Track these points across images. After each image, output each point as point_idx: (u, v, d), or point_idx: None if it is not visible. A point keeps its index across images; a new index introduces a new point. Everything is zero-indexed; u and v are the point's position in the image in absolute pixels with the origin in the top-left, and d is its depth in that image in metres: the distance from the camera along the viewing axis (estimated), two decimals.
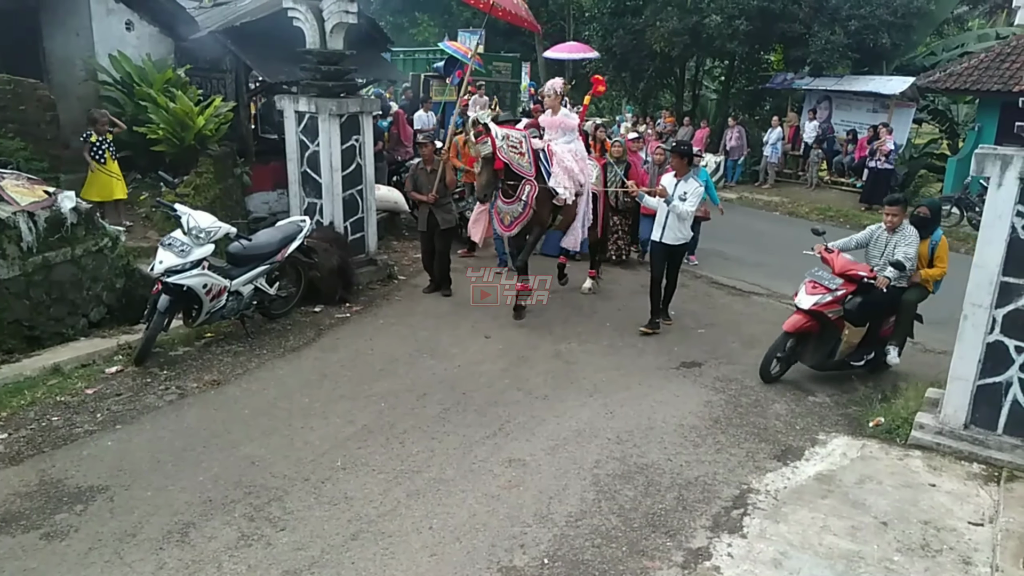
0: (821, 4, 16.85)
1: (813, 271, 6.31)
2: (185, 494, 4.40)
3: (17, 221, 6.22)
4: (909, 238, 6.08)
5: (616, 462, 4.93)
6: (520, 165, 7.10)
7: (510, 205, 7.26)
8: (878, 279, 5.96)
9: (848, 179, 16.75)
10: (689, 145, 7.83)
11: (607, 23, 20.61)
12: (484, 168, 7.01)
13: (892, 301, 6.28)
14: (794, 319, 6.19)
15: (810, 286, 6.16)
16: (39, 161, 7.82)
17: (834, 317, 6.07)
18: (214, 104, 9.58)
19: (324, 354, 6.68)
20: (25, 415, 5.25)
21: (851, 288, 6.07)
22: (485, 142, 6.92)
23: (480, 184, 7.13)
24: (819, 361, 6.33)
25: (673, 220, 7.09)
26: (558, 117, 7.74)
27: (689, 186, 7.08)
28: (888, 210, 6.26)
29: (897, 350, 6.47)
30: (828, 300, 6.04)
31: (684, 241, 7.32)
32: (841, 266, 6.16)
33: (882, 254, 6.26)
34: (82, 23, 10.10)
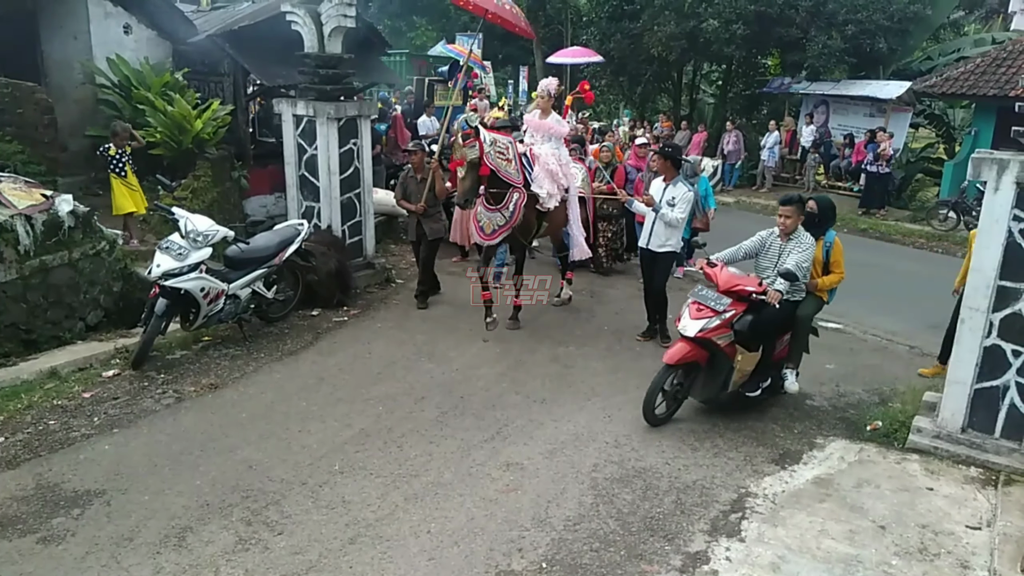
0: (818, 9, 16.90)
1: (697, 290, 5.54)
2: (182, 498, 4.39)
3: (14, 224, 6.20)
4: (803, 245, 5.39)
5: (614, 466, 4.93)
6: (507, 172, 6.87)
7: (493, 213, 6.98)
8: (768, 294, 5.18)
9: (845, 183, 16.79)
10: (676, 147, 7.45)
11: (605, 27, 20.65)
12: (469, 172, 6.73)
13: (786, 317, 5.53)
14: (677, 349, 5.34)
15: (695, 308, 5.35)
16: (36, 164, 7.82)
17: (724, 344, 5.28)
18: (212, 108, 9.58)
19: (322, 358, 6.67)
20: (22, 419, 5.24)
21: (741, 308, 5.31)
22: (473, 146, 6.68)
23: (463, 188, 6.81)
24: (711, 394, 5.58)
25: (660, 226, 6.78)
26: (548, 121, 7.52)
27: (678, 191, 6.73)
28: (782, 211, 5.50)
29: (795, 373, 5.80)
30: (716, 324, 5.22)
31: (671, 248, 6.93)
32: (726, 282, 5.37)
33: (774, 264, 5.52)
34: (80, 26, 10.11)
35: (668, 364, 5.32)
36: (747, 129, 19.25)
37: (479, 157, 6.66)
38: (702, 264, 5.63)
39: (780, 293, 5.19)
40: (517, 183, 6.94)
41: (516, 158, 6.97)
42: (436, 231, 8.10)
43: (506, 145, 6.95)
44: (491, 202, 6.97)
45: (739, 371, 5.44)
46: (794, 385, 5.80)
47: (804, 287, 5.53)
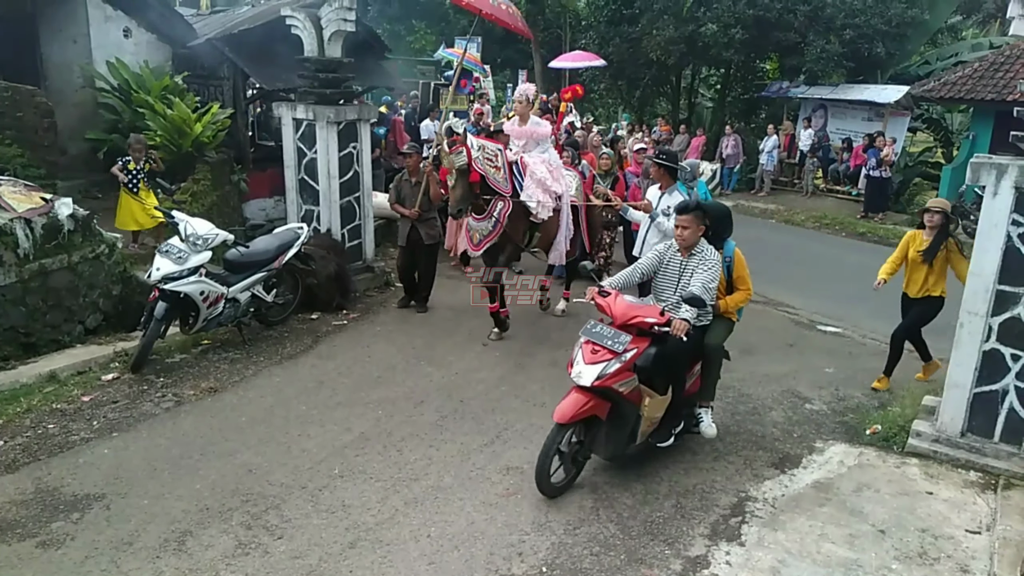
0: (816, 13, 16.95)
1: (589, 326, 4.60)
2: (182, 502, 4.38)
3: (14, 228, 6.20)
4: (708, 261, 4.69)
5: (614, 469, 4.93)
6: (495, 180, 6.68)
7: (480, 222, 6.81)
8: (674, 325, 4.39)
9: (844, 187, 16.82)
10: (674, 155, 7.17)
11: (603, 31, 20.70)
12: (458, 181, 6.52)
13: (694, 348, 4.79)
14: (571, 403, 4.37)
15: (589, 351, 4.43)
16: (36, 168, 7.81)
17: (628, 390, 4.42)
18: (211, 111, 9.60)
19: (321, 361, 6.67)
20: (21, 423, 5.23)
21: (644, 344, 4.48)
22: (460, 152, 6.45)
23: (454, 198, 6.59)
24: (617, 450, 4.70)
25: (653, 235, 6.50)
26: (527, 127, 7.31)
27: (674, 199, 6.39)
28: (678, 221, 4.73)
29: (709, 412, 5.11)
30: (616, 369, 4.34)
31: None
32: (623, 314, 4.51)
33: (676, 284, 4.79)
34: (80, 30, 10.14)
35: (560, 424, 4.35)
36: (745, 133, 19.29)
37: (467, 164, 6.46)
38: (593, 294, 4.76)
39: (688, 323, 4.43)
40: (505, 191, 6.76)
41: (505, 166, 6.80)
42: (433, 236, 7.92)
43: (495, 152, 6.77)
44: (479, 211, 6.79)
45: (647, 419, 4.63)
46: (711, 428, 5.04)
47: (711, 310, 4.84)
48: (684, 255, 4.80)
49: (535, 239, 7.35)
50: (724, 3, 17.45)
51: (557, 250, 7.52)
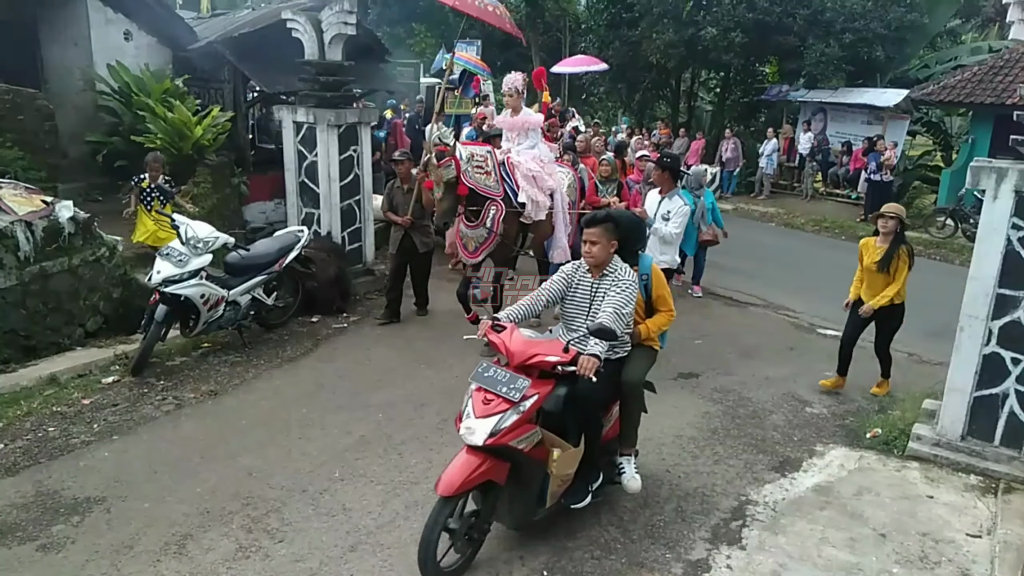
0: (816, 17, 16.98)
1: (480, 369, 3.76)
2: (182, 505, 4.38)
3: (14, 231, 6.21)
4: (622, 283, 3.95)
5: None
6: (487, 186, 6.56)
7: (474, 229, 6.66)
8: (580, 362, 3.62)
9: (843, 190, 16.85)
10: (676, 158, 7.10)
11: (603, 35, 20.74)
12: (446, 194, 6.36)
13: (610, 386, 4.04)
14: (460, 468, 3.54)
15: (480, 401, 3.62)
16: (37, 171, 7.83)
17: (530, 446, 3.65)
18: (212, 114, 9.61)
19: (321, 364, 6.67)
20: (21, 425, 5.23)
21: (547, 388, 3.70)
22: (449, 166, 6.29)
23: (440, 211, 6.48)
24: (525, 517, 3.97)
25: (654, 241, 6.44)
26: (519, 118, 7.23)
27: (673, 204, 6.44)
28: (586, 235, 4.00)
29: (633, 461, 4.35)
30: (514, 421, 3.53)
31: (666, 265, 6.57)
32: (520, 352, 3.69)
33: (587, 311, 4.06)
34: (81, 33, 10.16)
35: (446, 496, 3.53)
36: (745, 136, 19.33)
37: (456, 177, 6.32)
38: (486, 329, 3.90)
39: (597, 359, 3.66)
40: (496, 195, 6.63)
41: (496, 168, 6.69)
42: (426, 244, 7.71)
43: (484, 156, 6.65)
44: (471, 218, 6.66)
45: (557, 477, 3.85)
46: (634, 480, 4.28)
47: (628, 339, 4.20)
48: (595, 275, 4.08)
49: (528, 240, 7.28)
50: (724, 7, 17.49)
51: (559, 246, 7.33)
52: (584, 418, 3.96)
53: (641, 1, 18.61)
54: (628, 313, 3.93)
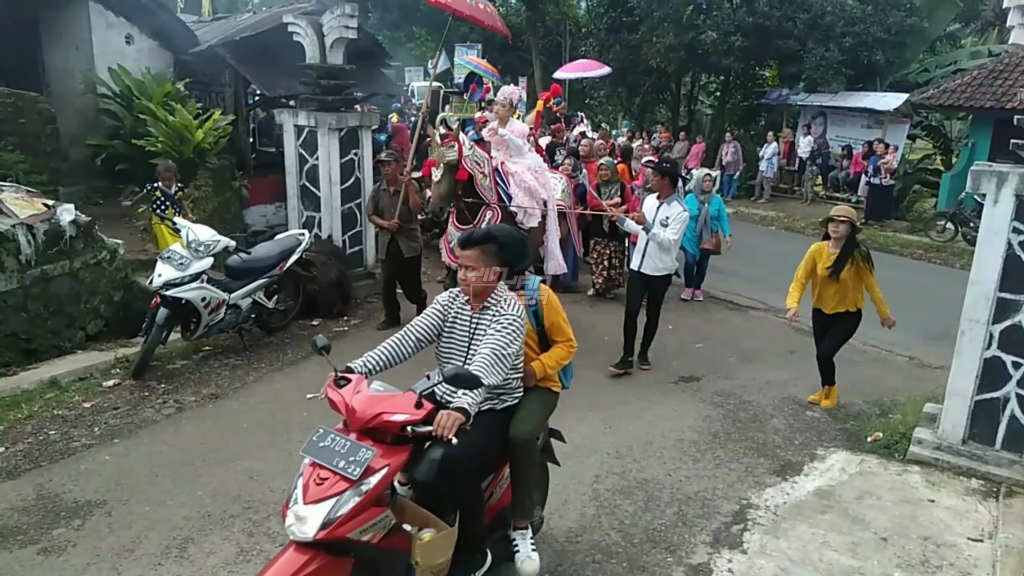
0: (816, 21, 17.03)
1: (316, 436, 2.93)
2: (183, 509, 4.38)
3: (16, 234, 6.22)
4: (506, 317, 3.25)
5: (616, 477, 4.93)
6: (481, 185, 6.49)
7: (464, 232, 6.70)
8: (437, 421, 2.86)
9: (844, 194, 16.87)
10: (674, 163, 7.00)
11: (603, 39, 20.80)
12: (445, 176, 6.27)
13: (492, 448, 3.34)
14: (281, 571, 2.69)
15: (313, 481, 2.79)
16: (38, 174, 7.84)
17: (379, 536, 2.83)
18: (213, 117, 9.63)
19: (323, 368, 6.55)
20: (22, 429, 5.23)
21: (400, 458, 2.93)
22: (452, 146, 6.22)
23: (437, 193, 6.32)
24: None
25: (653, 248, 6.34)
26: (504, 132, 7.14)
27: (672, 210, 6.27)
28: (461, 258, 3.28)
29: (528, 536, 3.53)
30: (354, 506, 2.73)
31: (666, 272, 6.53)
32: (363, 412, 2.93)
33: (466, 353, 3.36)
34: (82, 36, 10.18)
35: None
36: (745, 140, 19.35)
37: (458, 159, 6.24)
38: (328, 385, 3.17)
39: (465, 414, 2.91)
40: (489, 199, 6.56)
41: (491, 174, 6.61)
42: (413, 248, 7.46)
43: (483, 158, 6.58)
44: (462, 219, 6.50)
45: (425, 570, 2.99)
46: (531, 561, 3.46)
47: (518, 384, 3.50)
48: (475, 307, 3.35)
49: None
50: (724, 11, 17.55)
51: (552, 258, 7.23)
52: (456, 489, 3.16)
53: (641, 5, 18.65)
54: (512, 354, 3.20)
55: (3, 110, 7.81)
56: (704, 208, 8.83)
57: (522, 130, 7.12)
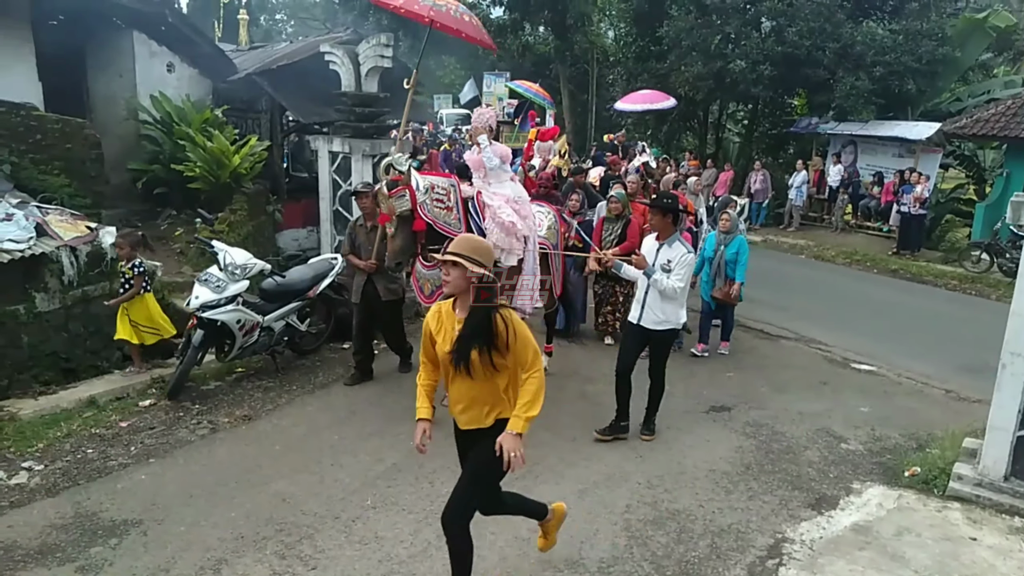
0: (846, 51, 16.99)
1: None
2: (217, 530, 4.41)
3: (60, 255, 6.40)
4: None
5: (647, 507, 4.88)
6: (447, 223, 5.75)
7: (432, 270, 5.81)
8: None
9: (875, 223, 16.69)
10: (674, 198, 5.90)
11: (631, 67, 20.95)
12: (399, 229, 5.62)
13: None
14: None
15: None
16: (82, 197, 8.05)
17: None
18: (249, 143, 9.83)
19: (353, 391, 6.71)
20: (61, 447, 5.33)
21: None
22: (402, 195, 5.49)
23: (393, 249, 5.75)
24: None
25: (655, 296, 5.50)
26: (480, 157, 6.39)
27: (674, 252, 5.46)
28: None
29: None
30: None
31: (671, 326, 5.61)
32: None
33: None
34: (126, 65, 10.48)
35: None
36: (773, 168, 19.27)
37: (411, 209, 5.56)
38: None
39: None
40: (457, 235, 5.79)
41: (459, 204, 5.91)
42: (393, 291, 6.71)
43: (446, 190, 5.89)
44: (428, 258, 5.82)
45: None
46: None
47: None
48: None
49: None
50: (753, 40, 17.58)
51: (526, 289, 6.38)
52: None
53: (669, 35, 18.77)
54: None
55: (51, 135, 8.06)
56: (720, 251, 7.81)
57: (504, 152, 6.42)
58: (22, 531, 4.33)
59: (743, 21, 17.89)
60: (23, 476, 4.93)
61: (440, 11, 6.38)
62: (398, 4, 6.32)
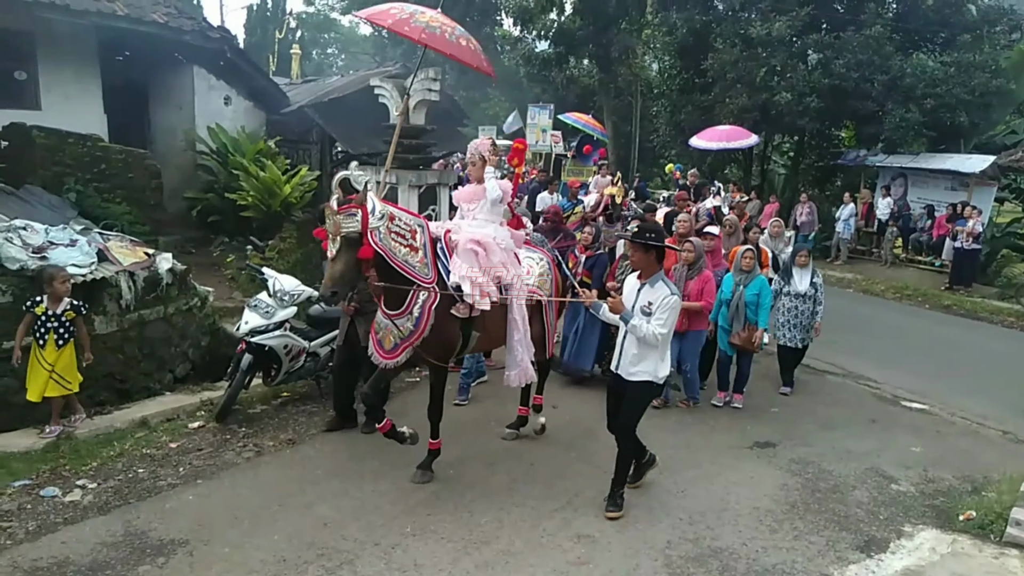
0: (895, 83, 16.77)
1: None
2: (260, 552, 4.48)
3: (119, 280, 6.65)
4: None
5: (689, 544, 4.80)
6: (407, 263, 4.88)
7: (394, 319, 5.01)
8: None
9: (926, 257, 16.28)
10: (659, 231, 5.19)
11: (676, 99, 20.96)
12: (341, 252, 4.66)
13: None
14: None
15: None
16: (141, 224, 8.40)
17: None
18: (300, 173, 10.14)
19: (395, 418, 6.65)
20: (113, 466, 5.50)
21: None
22: (352, 214, 4.64)
23: (331, 275, 4.68)
24: None
25: (632, 343, 4.85)
26: (472, 187, 5.66)
27: (656, 293, 4.77)
28: None
29: None
30: None
31: (648, 377, 4.86)
32: None
33: None
34: (185, 98, 10.97)
35: None
36: (820, 200, 18.99)
37: (359, 232, 4.65)
38: None
39: None
40: (424, 281, 4.97)
41: (427, 246, 5.06)
42: None
43: (411, 228, 5.00)
44: (391, 303, 5.03)
45: None
46: None
47: None
48: None
49: (472, 341, 5.43)
50: (799, 72, 17.49)
51: (516, 365, 5.55)
52: None
53: (714, 67, 18.78)
54: None
55: (114, 165, 8.45)
56: (739, 291, 7.14)
57: (507, 188, 5.75)
58: (75, 548, 4.46)
59: (789, 54, 17.82)
60: (77, 494, 5.09)
61: (433, 33, 6.12)
62: (389, 24, 6.25)
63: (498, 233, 5.50)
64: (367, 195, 4.73)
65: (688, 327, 6.92)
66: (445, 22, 6.34)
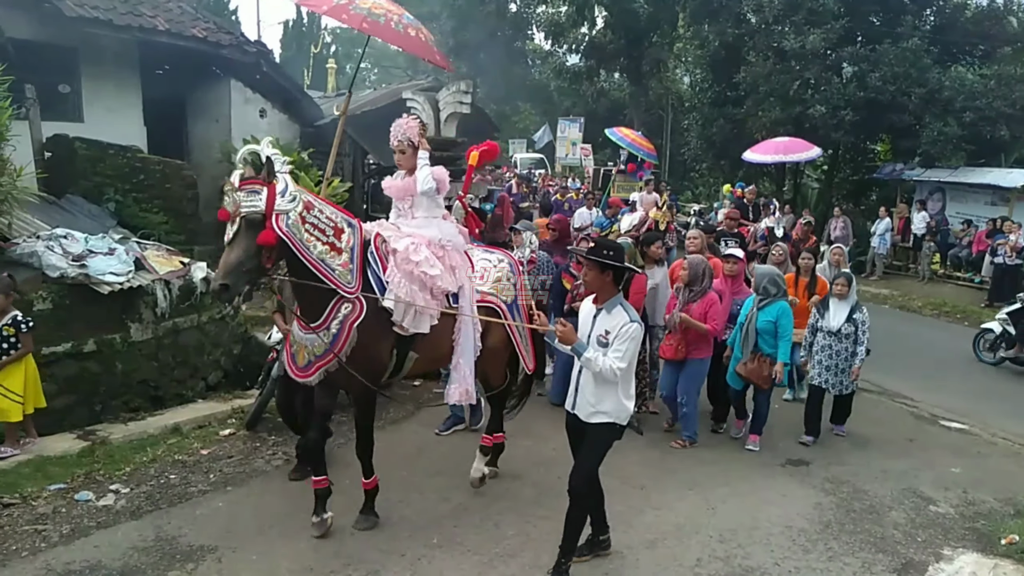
0: (932, 96, 16.48)
1: None
2: (287, 560, 4.50)
3: (155, 288, 6.78)
4: None
5: (719, 562, 4.70)
6: (325, 264, 4.22)
7: (311, 333, 4.36)
8: None
9: (965, 273, 15.90)
10: (617, 249, 4.27)
11: (707, 113, 20.86)
12: (239, 237, 3.98)
13: None
14: None
15: None
16: (178, 234, 8.57)
17: None
18: (332, 185, 10.22)
19: (422, 428, 6.78)
20: (146, 471, 5.57)
21: None
22: (254, 191, 3.99)
23: (226, 262, 3.99)
24: None
25: (588, 379, 4.14)
26: (406, 180, 4.97)
27: (615, 320, 4.05)
28: None
29: None
30: None
31: (606, 419, 4.16)
32: None
33: None
34: (222, 111, 11.19)
35: None
36: (855, 215, 18.69)
37: (262, 212, 3.97)
38: None
39: None
40: (346, 290, 4.32)
41: (356, 249, 4.39)
42: None
43: (335, 225, 4.33)
44: (309, 313, 4.37)
45: None
46: None
47: None
48: None
49: (408, 363, 4.79)
50: (833, 85, 17.29)
51: (458, 381, 4.94)
52: None
53: (747, 80, 18.67)
54: None
55: (153, 176, 8.65)
56: (752, 315, 6.31)
57: (442, 177, 4.98)
58: (107, 551, 4.52)
59: (823, 67, 17.63)
60: (110, 498, 5.17)
61: (376, 22, 5.66)
62: (325, 10, 5.95)
63: (444, 232, 4.89)
64: (277, 174, 4.08)
65: (687, 355, 6.27)
66: (391, 9, 5.77)
